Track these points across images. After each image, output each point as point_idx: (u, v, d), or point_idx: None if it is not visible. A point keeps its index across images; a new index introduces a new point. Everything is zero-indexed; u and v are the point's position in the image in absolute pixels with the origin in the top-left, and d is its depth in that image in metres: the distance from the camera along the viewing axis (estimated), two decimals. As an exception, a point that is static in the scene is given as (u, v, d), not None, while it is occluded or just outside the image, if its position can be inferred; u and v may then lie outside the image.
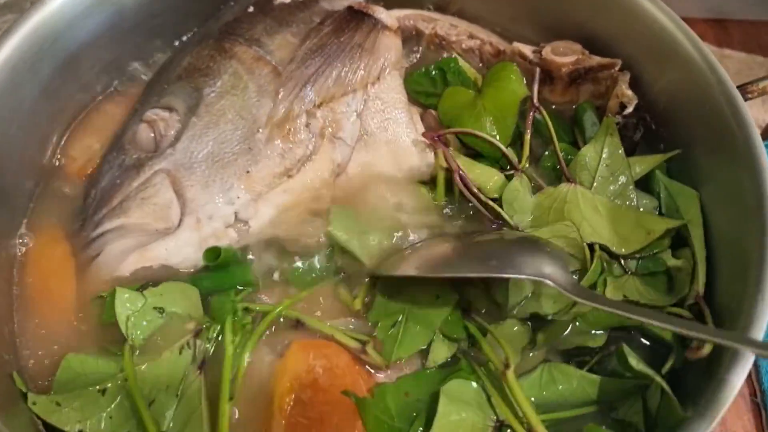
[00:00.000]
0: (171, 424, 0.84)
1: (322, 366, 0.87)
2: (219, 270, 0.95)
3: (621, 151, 1.03)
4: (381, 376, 0.91)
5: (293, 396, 0.85)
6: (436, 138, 1.02)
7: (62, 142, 1.08)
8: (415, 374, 0.91)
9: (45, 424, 0.82)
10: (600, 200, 0.99)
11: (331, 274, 0.99)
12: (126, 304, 0.89)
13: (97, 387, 0.84)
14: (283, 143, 0.99)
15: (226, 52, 1.04)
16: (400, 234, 1.00)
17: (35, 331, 0.93)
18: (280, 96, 0.99)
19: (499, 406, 0.87)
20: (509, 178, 1.03)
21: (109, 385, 0.84)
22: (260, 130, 0.99)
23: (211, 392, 0.87)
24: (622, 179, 1.02)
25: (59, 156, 1.07)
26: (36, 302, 0.95)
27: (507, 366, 0.86)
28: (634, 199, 1.01)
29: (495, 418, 0.86)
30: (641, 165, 1.04)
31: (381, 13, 1.06)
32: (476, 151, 1.07)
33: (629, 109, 1.06)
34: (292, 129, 0.99)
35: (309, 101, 0.99)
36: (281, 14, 1.08)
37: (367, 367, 0.91)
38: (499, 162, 1.06)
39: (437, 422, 0.83)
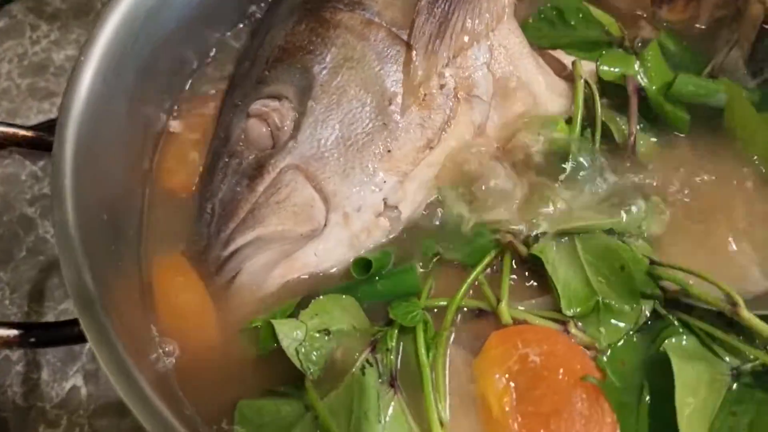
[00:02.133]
0: None
1: (538, 352, 0.75)
2: (382, 277, 0.83)
3: None
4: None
5: (513, 394, 0.74)
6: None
7: (156, 158, 0.94)
8: (626, 343, 0.80)
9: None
10: None
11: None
12: (291, 336, 0.76)
13: None
14: (420, 112, 0.87)
15: (328, 23, 0.90)
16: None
17: (193, 378, 0.80)
18: (415, 56, 0.86)
19: (731, 351, 0.77)
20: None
21: (299, 430, 0.73)
22: (392, 102, 0.86)
23: (414, 410, 0.75)
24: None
25: (157, 175, 0.93)
26: (183, 344, 0.82)
27: (734, 304, 0.76)
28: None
29: (728, 365, 0.76)
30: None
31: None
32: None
33: None
34: (428, 94, 0.87)
35: (444, 57, 0.87)
36: (376, -32, 0.95)
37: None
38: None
39: (679, 381, 0.72)
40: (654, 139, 0.94)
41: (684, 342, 0.78)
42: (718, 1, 1.03)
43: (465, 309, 0.82)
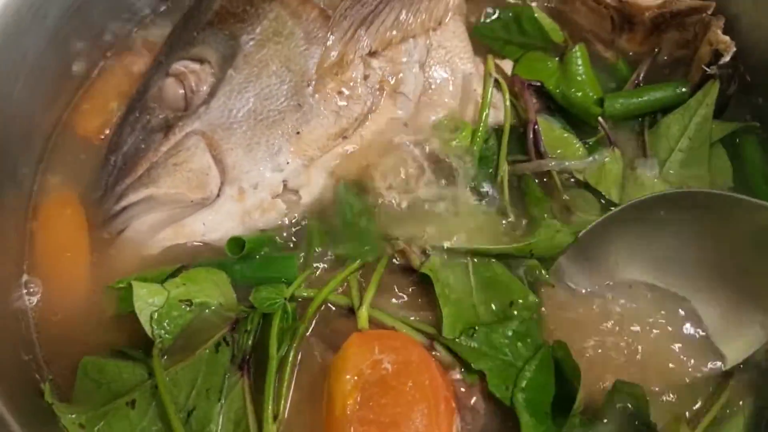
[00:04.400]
0: None
1: (391, 360, 0.73)
2: (260, 260, 0.81)
3: (709, 128, 0.92)
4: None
5: (358, 397, 0.71)
6: (525, 85, 0.90)
7: (73, 101, 0.92)
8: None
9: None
10: None
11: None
12: (147, 300, 0.74)
13: (125, 399, 0.71)
14: (338, 99, 0.84)
15: (265, -6, 0.89)
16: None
17: (51, 323, 0.79)
18: (331, 37, 0.84)
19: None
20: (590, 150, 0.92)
21: (137, 395, 0.71)
22: (310, 84, 0.84)
23: (257, 396, 0.73)
24: (696, 167, 0.91)
25: (70, 118, 0.92)
26: (50, 286, 0.81)
27: None
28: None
29: None
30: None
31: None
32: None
33: (726, 58, 0.92)
34: (348, 82, 0.85)
35: (365, 46, 0.85)
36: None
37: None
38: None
39: None
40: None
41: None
42: (679, 40, 0.99)
43: (333, 306, 0.80)
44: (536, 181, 0.90)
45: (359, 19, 0.84)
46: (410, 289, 0.82)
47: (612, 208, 0.86)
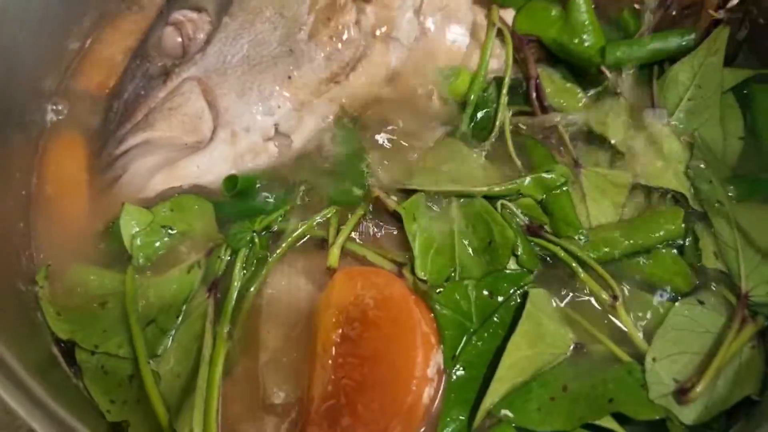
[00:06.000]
0: (170, 347, 0.75)
1: (373, 296, 0.74)
2: (243, 198, 0.84)
3: (719, 76, 0.89)
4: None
5: (340, 332, 0.72)
6: (525, 42, 0.89)
7: (80, 53, 0.95)
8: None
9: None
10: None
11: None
12: (132, 222, 0.80)
13: (99, 301, 0.77)
14: (329, 44, 0.85)
15: (259, -57, 0.90)
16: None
17: (53, 244, 0.84)
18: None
19: (581, 329, 0.75)
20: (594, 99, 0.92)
21: (110, 299, 0.77)
22: (302, 29, 0.85)
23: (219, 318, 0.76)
24: (707, 116, 0.88)
25: (78, 69, 0.95)
26: (51, 227, 0.85)
27: (615, 298, 0.75)
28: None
29: (573, 338, 0.74)
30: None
31: None
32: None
33: (735, 1, 0.89)
34: (340, 27, 0.85)
35: (359, -13, 0.85)
36: None
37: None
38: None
39: (523, 324, 0.72)
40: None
41: (548, 299, 0.76)
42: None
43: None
44: (540, 136, 0.89)
45: (351, -42, 0.85)
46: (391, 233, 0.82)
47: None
